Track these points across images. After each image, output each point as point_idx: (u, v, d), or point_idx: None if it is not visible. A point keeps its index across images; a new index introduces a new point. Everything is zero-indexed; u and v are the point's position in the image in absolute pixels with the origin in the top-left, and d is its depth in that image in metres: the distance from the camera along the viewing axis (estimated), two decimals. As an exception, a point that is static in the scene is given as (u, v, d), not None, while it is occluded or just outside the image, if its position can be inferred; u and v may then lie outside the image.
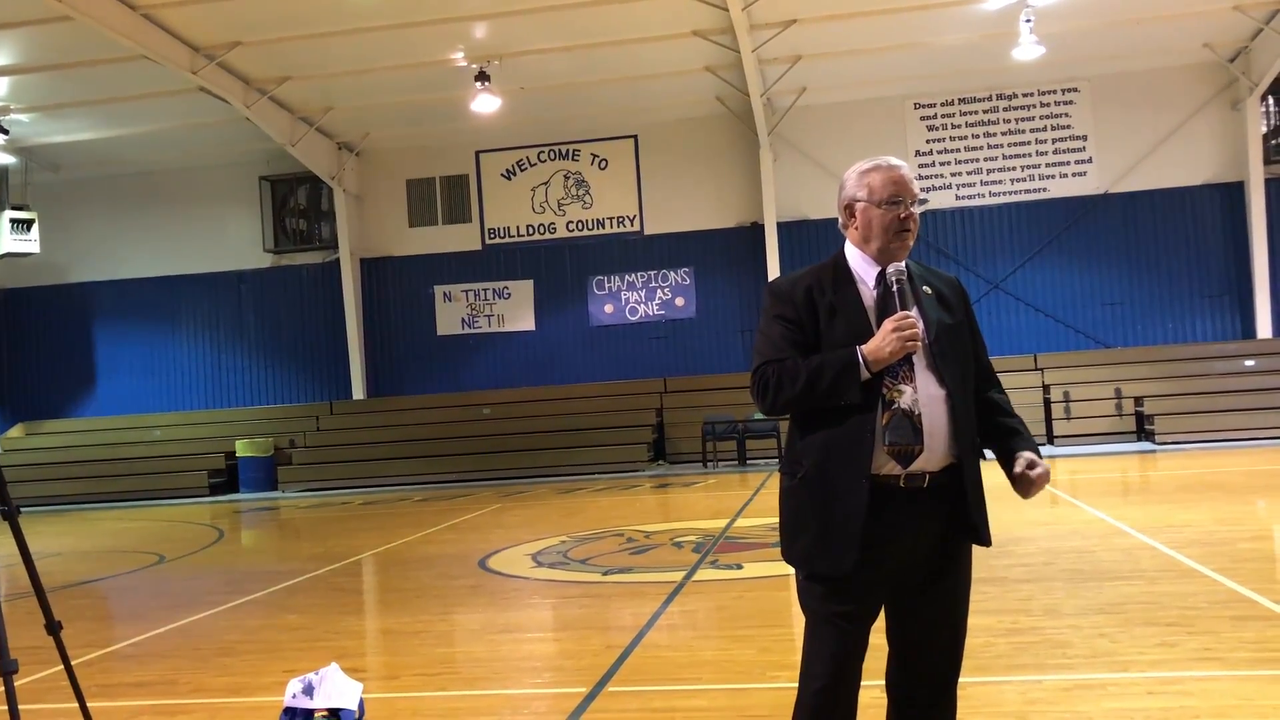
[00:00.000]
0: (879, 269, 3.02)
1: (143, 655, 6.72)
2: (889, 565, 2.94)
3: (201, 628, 7.49)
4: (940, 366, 2.95)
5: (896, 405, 2.88)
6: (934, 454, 2.90)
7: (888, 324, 2.87)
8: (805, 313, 3.01)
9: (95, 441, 23.01)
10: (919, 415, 2.88)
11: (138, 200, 24.00)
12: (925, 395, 2.91)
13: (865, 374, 2.88)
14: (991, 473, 3.12)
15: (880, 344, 2.87)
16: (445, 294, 23.26)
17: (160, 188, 23.89)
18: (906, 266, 3.04)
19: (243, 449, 21.41)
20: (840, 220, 3.14)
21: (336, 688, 4.74)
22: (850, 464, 2.90)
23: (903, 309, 2.92)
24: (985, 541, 3.02)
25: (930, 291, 3.06)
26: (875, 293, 3.00)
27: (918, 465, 2.89)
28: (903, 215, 3.01)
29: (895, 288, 2.96)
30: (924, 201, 3.10)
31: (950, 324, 3.02)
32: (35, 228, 22.19)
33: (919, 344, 2.88)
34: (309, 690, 4.72)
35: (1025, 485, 3.00)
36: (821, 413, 2.95)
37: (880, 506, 2.89)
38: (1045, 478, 3.00)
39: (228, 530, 15.24)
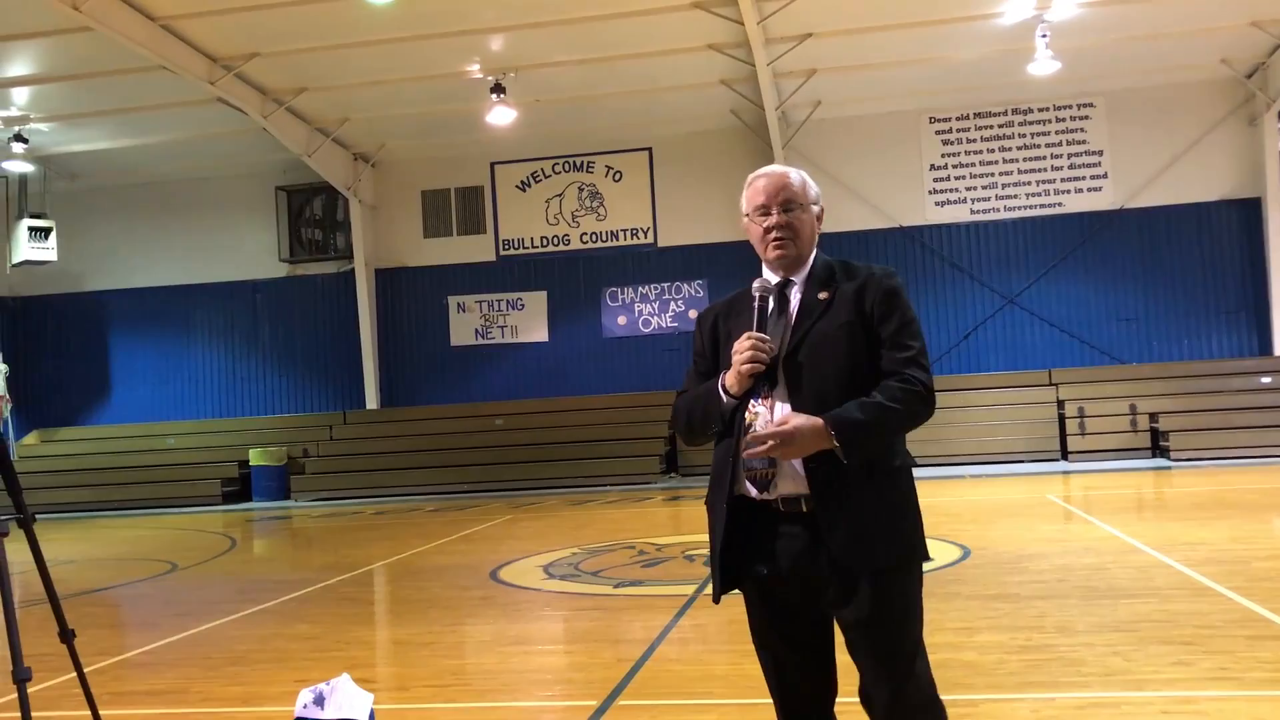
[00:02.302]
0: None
1: (155, 663, 6.73)
2: (775, 590, 2.88)
3: (213, 636, 7.50)
4: (793, 383, 2.82)
5: (752, 428, 2.79)
6: (795, 477, 2.78)
7: (734, 347, 2.83)
8: (708, 342, 3.06)
9: (109, 449, 23.10)
10: None
11: (154, 209, 24.13)
12: (780, 415, 2.79)
13: (727, 400, 2.85)
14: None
15: (730, 370, 2.84)
16: (459, 305, 23.30)
17: (177, 197, 24.02)
18: (812, 271, 2.95)
19: (256, 458, 21.46)
20: None
21: (347, 698, 4.73)
22: (719, 489, 2.90)
23: (758, 328, 2.83)
24: (859, 571, 2.76)
25: (825, 295, 2.90)
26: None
27: (788, 488, 2.78)
28: (770, 224, 2.94)
29: (756, 304, 2.88)
30: (798, 206, 2.93)
31: (825, 331, 2.85)
32: (53, 236, 22.33)
33: (761, 366, 2.77)
34: (320, 701, 4.72)
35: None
36: (717, 439, 2.96)
37: (757, 529, 2.85)
38: (768, 444, 2.69)
39: (240, 539, 15.28)
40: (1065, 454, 19.57)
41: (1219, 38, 19.11)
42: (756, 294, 2.90)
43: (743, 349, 2.79)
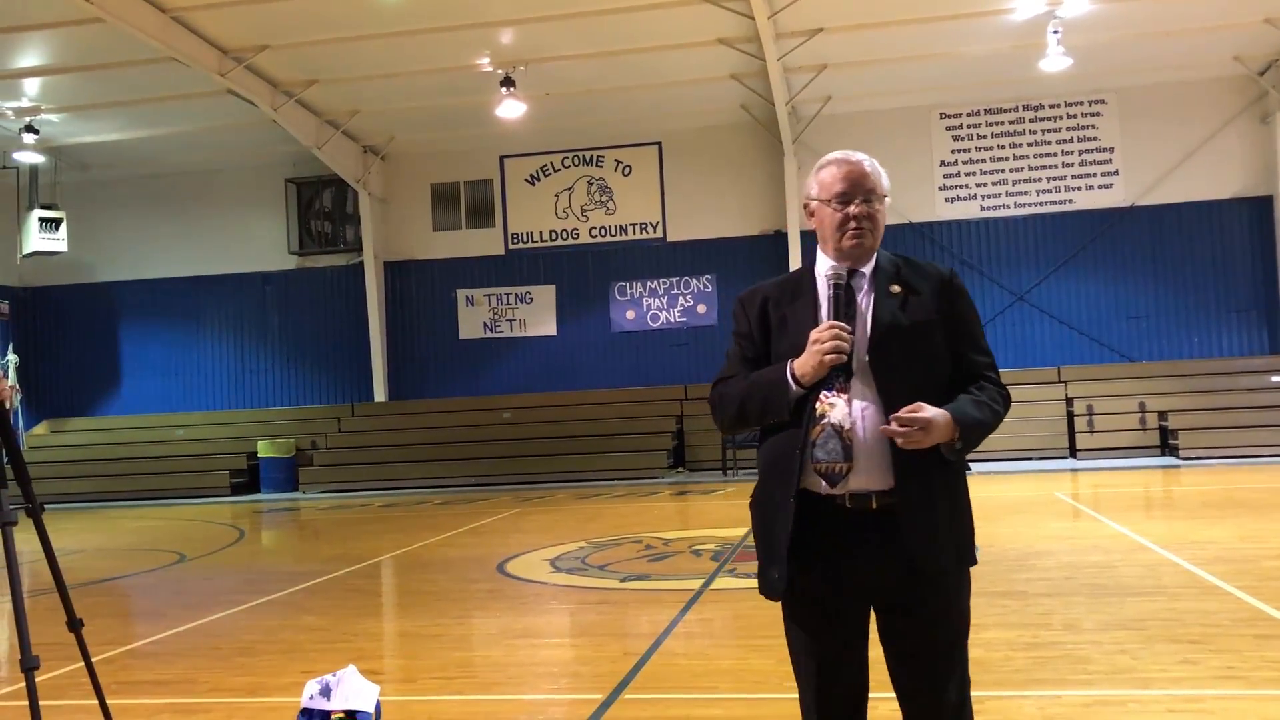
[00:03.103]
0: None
1: (162, 653, 6.76)
2: (840, 589, 2.77)
3: (221, 627, 7.53)
4: (883, 377, 2.73)
5: (826, 420, 2.71)
6: (871, 473, 2.70)
7: (811, 335, 2.71)
8: (757, 327, 2.90)
9: (119, 440, 23.19)
10: (849, 430, 2.70)
11: (164, 201, 24.19)
12: (859, 409, 2.71)
13: (796, 390, 2.73)
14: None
15: (805, 358, 2.71)
16: (468, 298, 23.32)
17: (187, 189, 24.08)
18: (876, 264, 2.84)
19: (264, 450, 21.52)
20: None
21: (354, 690, 4.75)
22: (782, 483, 2.78)
23: (836, 317, 2.73)
24: (934, 569, 2.73)
25: (899, 290, 2.81)
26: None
27: (859, 484, 2.70)
28: (851, 213, 2.79)
29: (831, 293, 2.77)
30: (883, 197, 2.84)
31: (907, 326, 2.77)
32: (63, 227, 22.40)
33: (843, 356, 2.67)
34: (326, 692, 4.74)
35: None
36: (769, 430, 2.86)
37: (821, 526, 2.74)
38: (908, 429, 2.61)
39: (248, 530, 15.32)
40: (1074, 451, 19.53)
41: (1231, 35, 19.02)
42: (829, 281, 2.78)
43: (824, 338, 2.67)
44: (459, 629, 7.21)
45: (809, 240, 21.27)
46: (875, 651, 2.89)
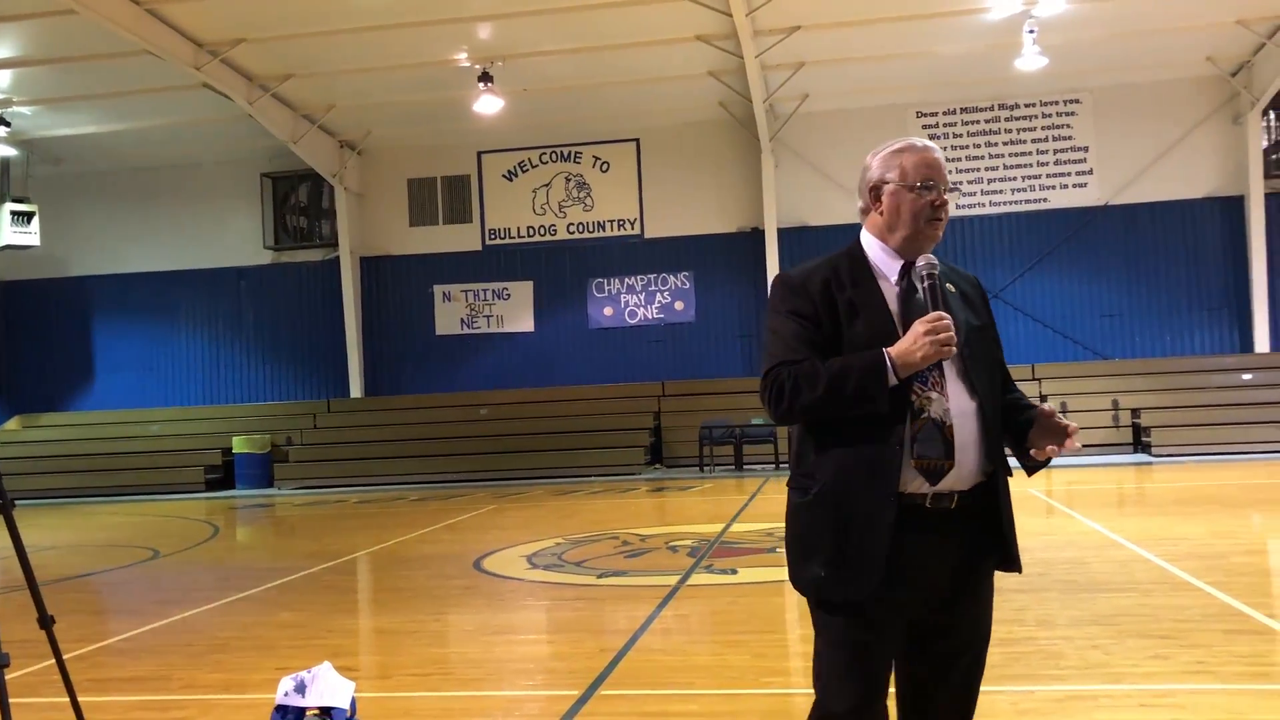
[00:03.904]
0: (901, 262, 2.73)
1: (135, 650, 6.71)
2: (909, 594, 2.65)
3: (195, 624, 7.49)
4: (971, 373, 2.67)
5: (926, 415, 2.59)
6: (964, 470, 2.61)
7: (919, 325, 2.56)
8: (824, 309, 2.68)
9: (92, 435, 23.00)
10: (950, 426, 2.59)
11: (139, 195, 24.01)
12: (957, 405, 2.62)
13: (893, 380, 2.57)
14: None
15: (911, 347, 2.55)
16: (445, 294, 23.26)
17: (161, 183, 23.90)
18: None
19: (239, 445, 21.40)
20: (861, 205, 2.83)
21: (329, 686, 4.73)
22: (874, 480, 2.59)
23: (934, 309, 2.60)
24: (1018, 568, 2.73)
25: (954, 289, 2.78)
26: (898, 289, 2.71)
27: (946, 484, 2.60)
28: (936, 201, 2.70)
29: (927, 283, 2.65)
30: (955, 189, 2.89)
31: (977, 326, 2.76)
32: (36, 220, 22.17)
33: (954, 349, 2.57)
34: (301, 688, 4.72)
35: (1054, 432, 2.67)
36: (840, 422, 2.64)
37: (904, 528, 2.59)
38: (1073, 430, 2.66)
39: (223, 526, 15.23)
40: (1047, 448, 19.63)
41: (1204, 35, 19.19)
42: (925, 273, 2.67)
43: (941, 328, 2.54)
44: (435, 625, 7.20)
45: (786, 238, 21.36)
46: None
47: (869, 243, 2.78)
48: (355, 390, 23.15)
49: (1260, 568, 8.29)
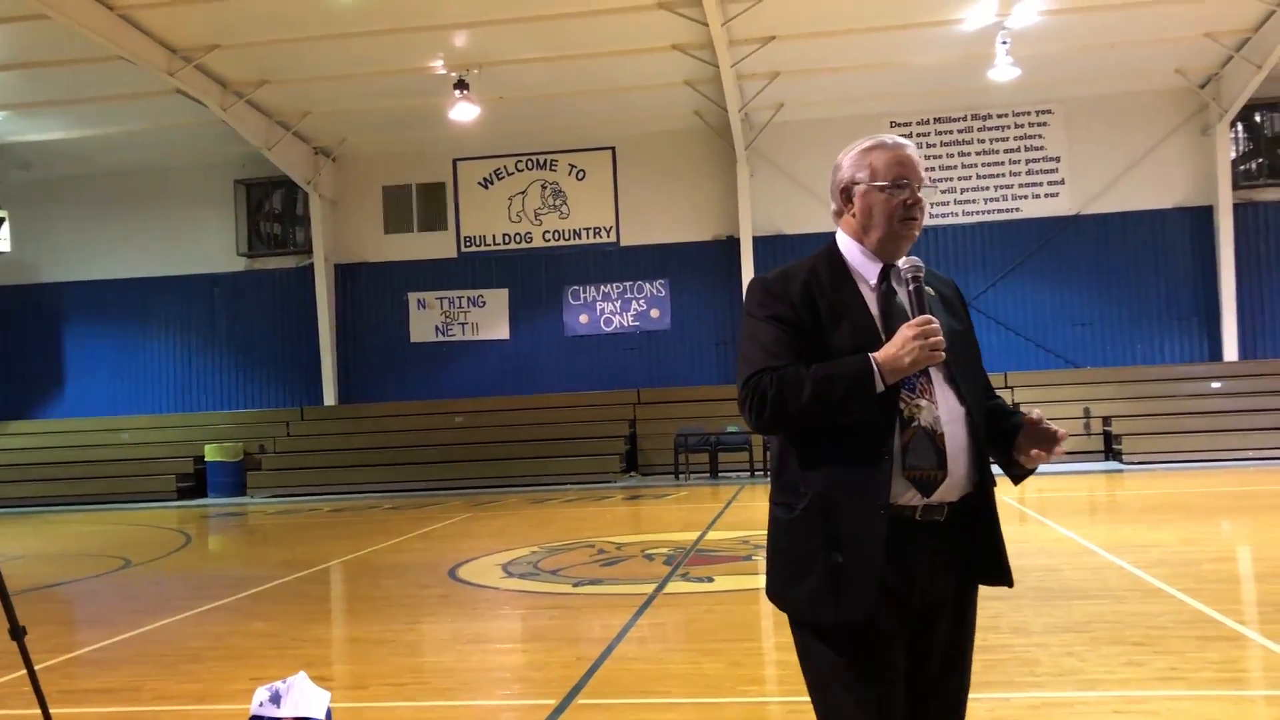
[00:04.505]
0: (880, 265, 2.62)
1: (107, 661, 6.65)
2: (902, 612, 2.53)
3: (167, 633, 7.43)
4: (958, 379, 2.57)
5: (917, 423, 2.48)
6: (955, 481, 2.51)
7: (907, 329, 2.45)
8: (805, 313, 2.56)
9: (62, 444, 22.76)
10: (941, 435, 2.49)
11: (111, 201, 23.81)
12: (946, 412, 2.52)
13: (880, 386, 2.45)
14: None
15: (899, 352, 2.44)
16: (419, 301, 23.19)
17: (134, 189, 23.72)
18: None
19: (212, 453, 21.24)
20: (834, 207, 2.72)
21: (304, 696, 4.70)
22: (863, 492, 2.47)
23: (920, 313, 2.50)
24: (1009, 581, 2.64)
25: (933, 293, 2.65)
26: (878, 292, 2.60)
27: (937, 495, 2.49)
28: (909, 200, 2.59)
29: (912, 286, 2.55)
30: (932, 186, 2.78)
31: (959, 331, 2.64)
32: (6, 226, 21.99)
33: (943, 354, 2.46)
34: (276, 699, 4.68)
35: (1042, 439, 2.55)
36: (826, 432, 2.52)
37: (896, 543, 2.48)
38: (1062, 436, 2.55)
39: (195, 535, 15.11)
40: (1020, 456, 19.74)
41: (1174, 48, 19.42)
42: (909, 275, 2.57)
43: (931, 332, 2.43)
44: (410, 635, 7.17)
45: (761, 246, 21.44)
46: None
47: (846, 245, 2.67)
48: (329, 398, 23.03)
49: (1230, 574, 8.38)
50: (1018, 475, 2.69)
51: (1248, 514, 11.80)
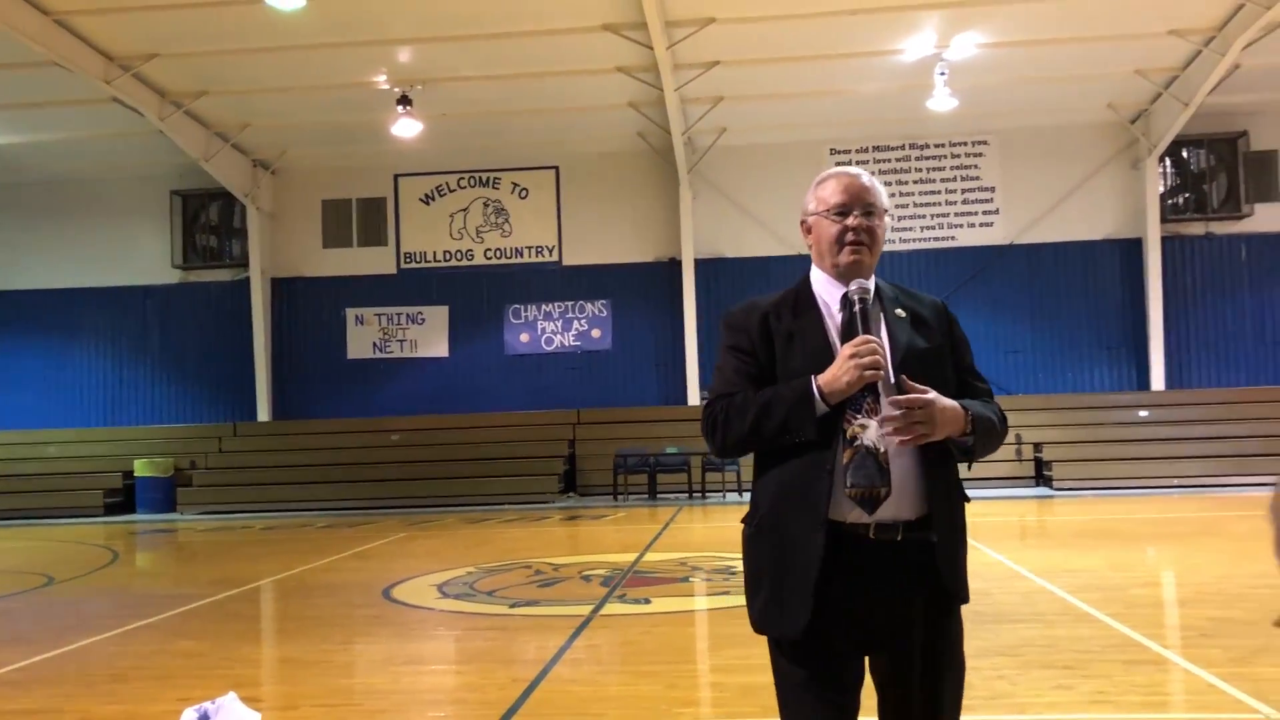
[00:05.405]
0: (843, 290, 2.69)
1: (28, 681, 6.47)
2: (861, 628, 2.58)
3: (90, 653, 7.25)
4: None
5: (859, 442, 2.52)
6: (904, 499, 2.55)
7: (845, 349, 2.53)
8: (760, 342, 2.68)
9: (-16, 456, 22.17)
10: (884, 453, 2.52)
11: (43, 210, 23.31)
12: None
13: (822, 407, 2.53)
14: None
15: (837, 373, 2.52)
16: (357, 317, 22.97)
17: (67, 198, 23.25)
18: (876, 287, 2.74)
19: (141, 469, 20.82)
20: (806, 240, 2.83)
21: (234, 717, 4.62)
22: (805, 510, 2.55)
23: (865, 332, 2.57)
24: (962, 600, 2.66)
25: (904, 314, 2.73)
26: (840, 317, 2.67)
27: (888, 513, 2.54)
28: (850, 225, 2.68)
29: (857, 307, 2.62)
30: (885, 212, 2.77)
31: (925, 348, 2.68)
32: (-70, 233, 21.44)
33: (880, 373, 2.51)
34: (205, 719, 4.60)
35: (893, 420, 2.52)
36: (778, 452, 2.62)
37: (843, 558, 2.53)
38: (912, 405, 2.50)
39: (122, 552, 14.79)
40: (954, 481, 20.01)
41: (1106, 84, 19.94)
42: (855, 296, 2.63)
43: (864, 352, 2.50)
44: (343, 655, 7.07)
45: (703, 269, 21.56)
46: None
47: (814, 274, 2.78)
48: (263, 414, 22.69)
49: (1156, 599, 8.56)
50: (960, 452, 2.67)
51: (1173, 540, 12.07)
